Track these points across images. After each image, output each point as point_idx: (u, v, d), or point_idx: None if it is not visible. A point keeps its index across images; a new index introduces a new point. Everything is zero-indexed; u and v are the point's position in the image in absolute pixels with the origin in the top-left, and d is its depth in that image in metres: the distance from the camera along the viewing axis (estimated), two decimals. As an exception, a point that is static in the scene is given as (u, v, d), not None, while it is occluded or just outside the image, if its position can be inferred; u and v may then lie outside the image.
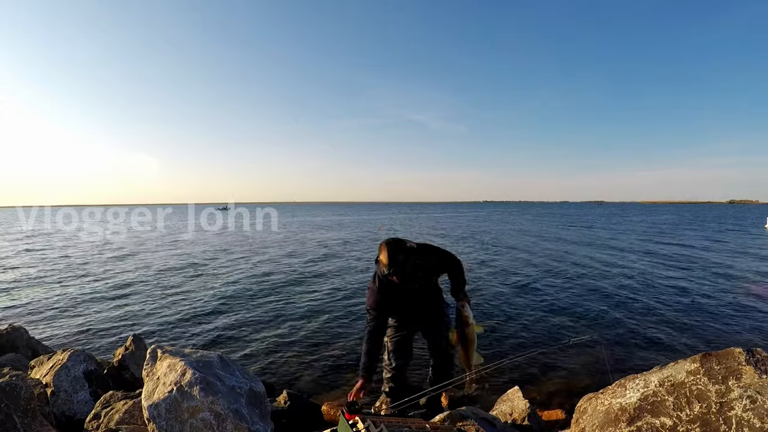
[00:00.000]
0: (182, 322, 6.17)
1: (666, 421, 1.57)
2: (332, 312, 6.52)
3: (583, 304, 6.83)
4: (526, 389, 3.10)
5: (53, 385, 2.61)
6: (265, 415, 2.09)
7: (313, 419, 2.81)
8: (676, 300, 7.06)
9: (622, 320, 5.89)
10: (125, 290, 8.45)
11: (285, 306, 6.99)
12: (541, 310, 6.50)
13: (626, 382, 1.83)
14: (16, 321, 5.88)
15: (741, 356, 1.58)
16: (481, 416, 2.08)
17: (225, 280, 9.50)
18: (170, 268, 11.23)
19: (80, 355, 2.87)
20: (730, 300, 7.03)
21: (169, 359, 2.08)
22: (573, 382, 3.86)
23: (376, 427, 1.46)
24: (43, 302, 7.52)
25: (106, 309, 6.96)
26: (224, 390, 1.99)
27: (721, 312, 6.29)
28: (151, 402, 1.89)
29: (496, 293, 7.71)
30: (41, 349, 4.06)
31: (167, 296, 7.85)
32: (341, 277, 9.60)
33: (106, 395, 2.48)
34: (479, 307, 6.62)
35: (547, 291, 7.87)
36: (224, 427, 1.86)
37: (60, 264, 12.25)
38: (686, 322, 5.76)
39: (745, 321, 5.82)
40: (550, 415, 3.07)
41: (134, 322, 6.23)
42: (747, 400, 1.42)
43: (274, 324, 5.93)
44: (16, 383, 1.89)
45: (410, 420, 1.70)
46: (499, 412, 2.67)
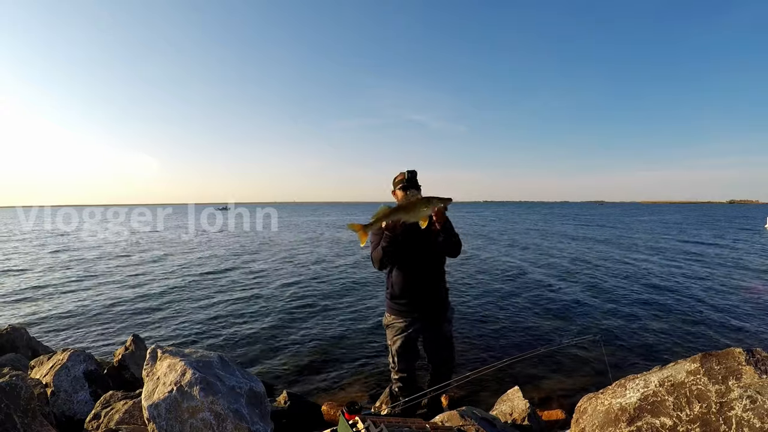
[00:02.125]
0: (182, 322, 6.17)
1: (666, 421, 1.57)
2: (332, 312, 6.52)
3: (584, 304, 6.83)
4: (526, 389, 3.10)
5: (53, 385, 2.61)
6: (265, 415, 2.09)
7: (313, 419, 2.81)
8: (676, 300, 7.06)
9: (622, 320, 5.89)
10: (125, 290, 8.44)
11: (285, 306, 6.99)
12: (542, 310, 6.49)
13: (626, 382, 1.83)
14: (16, 321, 5.89)
15: (741, 356, 1.58)
16: (481, 416, 2.08)
17: (225, 280, 9.51)
18: (170, 268, 11.23)
19: (80, 355, 2.87)
20: (730, 300, 7.03)
21: (169, 359, 2.09)
22: (573, 382, 3.86)
23: (376, 427, 1.46)
24: (43, 302, 7.53)
25: (107, 309, 6.96)
26: (224, 390, 2.00)
27: (721, 312, 6.29)
28: (151, 402, 1.89)
29: (496, 293, 7.71)
30: (41, 349, 4.06)
31: (167, 296, 7.85)
32: (341, 277, 9.60)
33: (106, 395, 2.48)
34: (479, 308, 6.62)
35: (547, 291, 7.87)
36: (224, 427, 1.86)
37: (60, 264, 12.25)
38: (686, 322, 5.76)
39: (745, 321, 5.82)
40: (550, 415, 3.07)
41: (134, 322, 6.23)
42: (747, 400, 1.42)
43: (275, 324, 5.93)
44: (16, 383, 1.89)
45: (410, 420, 1.70)
46: (499, 412, 2.67)
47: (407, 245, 2.37)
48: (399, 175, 2.52)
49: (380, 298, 7.32)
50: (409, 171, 2.49)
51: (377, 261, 2.39)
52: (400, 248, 2.33)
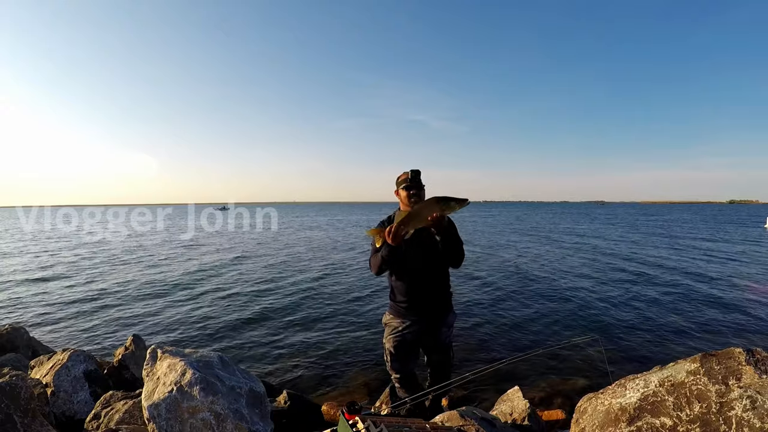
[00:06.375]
0: (182, 322, 6.17)
1: (666, 421, 1.57)
2: (333, 312, 6.52)
3: (584, 304, 6.83)
4: (526, 389, 3.10)
5: (53, 385, 2.61)
6: (265, 415, 2.09)
7: (313, 419, 2.81)
8: (676, 300, 7.06)
9: (623, 320, 5.89)
10: (125, 290, 8.44)
11: (285, 306, 6.99)
12: (542, 310, 6.49)
13: (626, 382, 1.83)
14: (16, 321, 5.89)
15: (741, 356, 1.58)
16: (481, 416, 2.08)
17: (225, 280, 9.51)
18: (170, 269, 11.23)
19: (80, 355, 2.87)
20: (730, 300, 7.03)
21: (169, 359, 2.09)
22: (573, 382, 3.86)
23: (376, 427, 1.46)
24: (43, 302, 7.53)
25: (107, 309, 6.96)
26: (224, 390, 2.00)
27: (721, 312, 6.29)
28: (151, 402, 1.89)
29: (496, 293, 7.71)
30: (41, 349, 4.06)
31: (167, 296, 7.85)
32: (341, 278, 9.60)
33: (106, 395, 2.47)
34: (480, 307, 6.62)
35: (547, 290, 7.87)
36: (224, 427, 1.86)
37: (60, 264, 12.26)
38: (686, 322, 5.76)
39: (745, 321, 5.82)
40: (550, 415, 3.06)
41: (134, 322, 6.23)
42: (747, 400, 1.42)
43: (275, 324, 5.93)
44: (16, 383, 1.89)
45: (410, 420, 1.70)
46: (499, 412, 2.67)
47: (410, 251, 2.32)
48: (402, 174, 2.47)
49: (380, 298, 7.32)
50: (413, 170, 2.44)
51: (375, 266, 2.34)
52: (402, 257, 2.28)
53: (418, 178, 2.43)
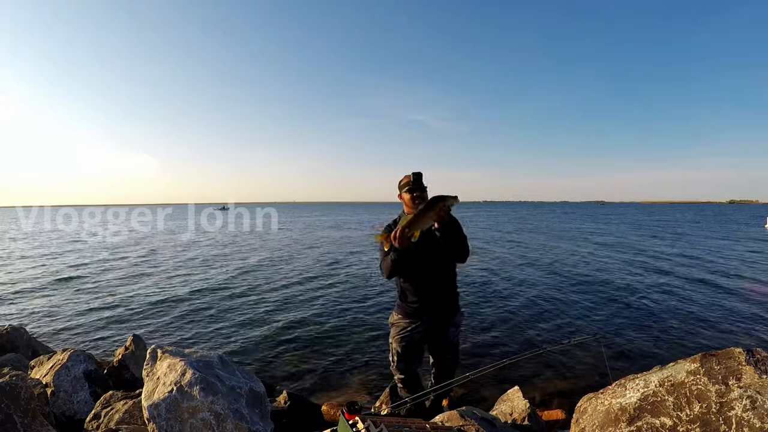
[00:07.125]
0: (182, 322, 6.17)
1: (666, 421, 1.57)
2: (333, 312, 6.52)
3: (584, 304, 6.83)
4: (526, 389, 3.09)
5: (53, 385, 2.61)
6: (265, 415, 2.09)
7: (313, 419, 2.81)
8: (676, 300, 7.05)
9: (623, 320, 5.89)
10: (125, 290, 8.44)
11: (285, 306, 6.99)
12: (542, 310, 6.49)
13: (626, 382, 1.83)
14: (16, 321, 5.89)
15: (741, 356, 1.58)
16: (481, 416, 2.08)
17: (225, 280, 9.50)
18: (170, 268, 11.23)
19: (80, 355, 2.87)
20: (730, 300, 7.03)
21: (169, 359, 2.09)
22: (573, 382, 3.86)
23: (376, 427, 1.46)
24: (43, 302, 7.53)
25: (107, 309, 6.96)
26: (224, 390, 2.00)
27: (721, 312, 6.29)
28: (151, 402, 1.89)
29: (496, 293, 7.71)
30: (41, 349, 4.06)
31: (167, 296, 7.85)
32: (341, 278, 9.60)
33: (106, 395, 2.47)
34: (480, 307, 6.62)
35: (547, 290, 7.87)
36: (224, 427, 1.86)
37: (60, 264, 12.25)
38: (686, 323, 5.76)
39: (745, 321, 5.82)
40: (550, 415, 3.06)
41: (134, 322, 6.23)
42: (747, 400, 1.42)
43: (275, 324, 5.92)
44: (16, 383, 1.89)
45: (410, 420, 1.70)
46: (499, 412, 2.67)
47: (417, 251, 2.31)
48: (404, 178, 2.49)
49: (381, 298, 7.32)
50: (414, 173, 2.46)
51: (386, 270, 2.35)
52: (410, 258, 2.29)
53: (420, 180, 2.46)
